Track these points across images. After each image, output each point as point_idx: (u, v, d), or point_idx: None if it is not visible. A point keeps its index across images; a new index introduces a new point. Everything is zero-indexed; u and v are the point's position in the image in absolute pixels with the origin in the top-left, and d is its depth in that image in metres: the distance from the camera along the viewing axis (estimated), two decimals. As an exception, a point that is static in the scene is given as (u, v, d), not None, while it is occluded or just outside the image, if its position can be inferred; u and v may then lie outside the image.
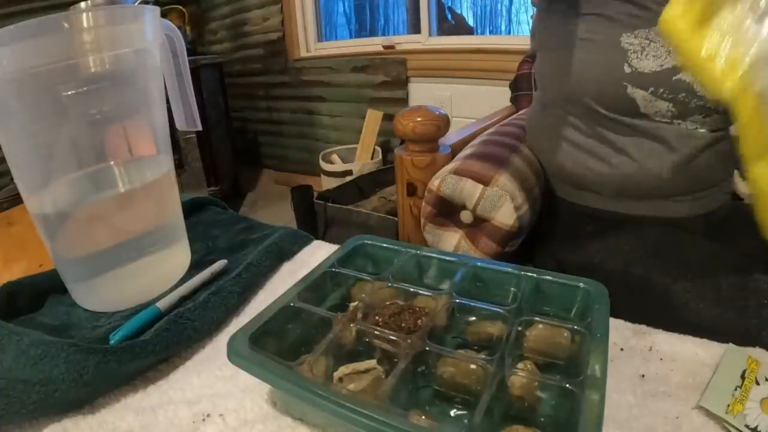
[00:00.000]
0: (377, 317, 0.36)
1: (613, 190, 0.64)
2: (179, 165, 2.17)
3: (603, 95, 0.61)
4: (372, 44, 2.29)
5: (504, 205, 0.62)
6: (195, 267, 0.53)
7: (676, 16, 0.34)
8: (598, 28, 0.59)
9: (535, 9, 0.79)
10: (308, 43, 2.55)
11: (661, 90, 0.56)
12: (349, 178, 1.97)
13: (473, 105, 1.92)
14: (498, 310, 0.36)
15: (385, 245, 0.46)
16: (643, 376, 0.36)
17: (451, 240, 0.68)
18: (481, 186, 0.63)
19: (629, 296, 0.54)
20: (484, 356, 0.32)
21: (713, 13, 0.32)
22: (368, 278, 0.41)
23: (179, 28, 1.28)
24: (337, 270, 0.43)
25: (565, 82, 0.67)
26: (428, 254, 0.44)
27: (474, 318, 0.38)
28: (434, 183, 0.66)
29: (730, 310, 0.47)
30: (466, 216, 0.66)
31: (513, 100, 1.25)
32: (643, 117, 0.58)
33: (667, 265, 0.53)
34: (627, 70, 0.57)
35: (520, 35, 1.97)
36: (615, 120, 0.61)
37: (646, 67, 0.56)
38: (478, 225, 0.65)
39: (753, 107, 0.32)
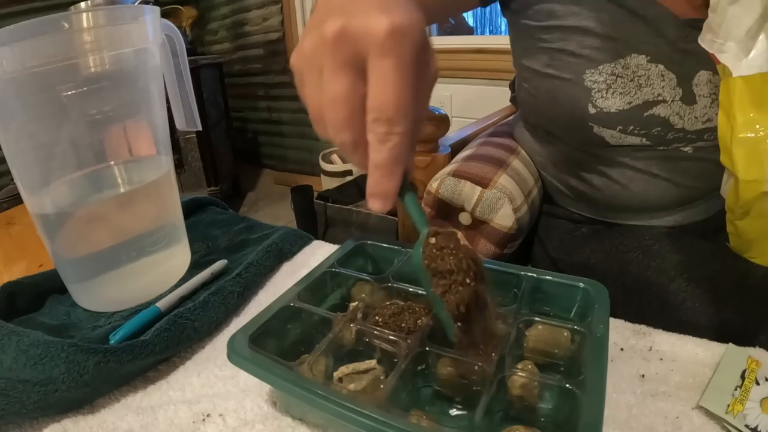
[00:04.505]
0: (377, 317, 0.36)
1: (601, 206, 0.63)
2: (179, 165, 2.17)
3: (570, 131, 0.59)
4: (372, 44, 2.28)
5: (503, 207, 0.62)
6: (195, 267, 0.53)
7: (736, 83, 0.34)
8: (560, 63, 0.55)
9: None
10: (308, 43, 2.55)
11: (631, 127, 0.53)
12: (349, 178, 1.97)
13: (473, 105, 1.92)
14: (498, 310, 0.36)
15: (385, 245, 0.46)
16: (643, 376, 0.36)
17: (450, 240, 0.68)
18: (479, 188, 0.63)
19: (626, 296, 0.54)
20: (484, 356, 0.32)
21: None
22: (368, 278, 0.41)
23: (179, 28, 1.28)
24: (337, 270, 0.43)
25: (535, 114, 0.66)
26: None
27: (474, 318, 0.38)
28: (433, 185, 0.66)
29: (727, 309, 0.47)
30: (464, 218, 0.66)
31: (513, 100, 1.25)
32: (616, 148, 0.56)
33: (664, 265, 0.53)
34: (592, 110, 0.53)
35: (520, 35, 1.97)
36: (588, 152, 0.59)
37: (612, 107, 0.52)
38: (477, 227, 0.65)
39: (756, 195, 0.33)
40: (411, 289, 0.39)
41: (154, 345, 0.39)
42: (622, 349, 0.38)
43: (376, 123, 0.26)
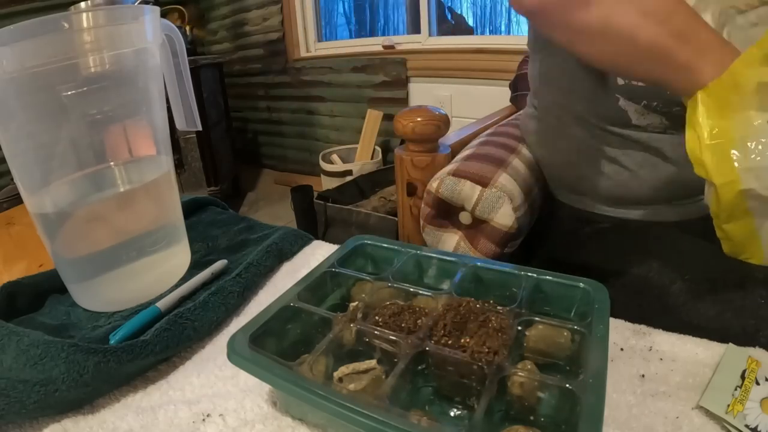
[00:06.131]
0: (377, 317, 0.36)
1: (608, 197, 0.63)
2: (179, 165, 2.17)
3: (595, 106, 0.60)
4: (372, 44, 2.29)
5: (503, 206, 0.62)
6: (195, 267, 0.53)
7: (698, 98, 0.36)
8: None
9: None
10: (308, 43, 2.55)
11: (655, 103, 0.54)
12: (349, 178, 1.97)
13: (473, 105, 1.92)
14: (498, 309, 0.36)
15: (385, 245, 0.46)
16: (643, 376, 0.36)
17: (450, 241, 0.68)
18: (479, 187, 0.63)
19: (627, 297, 0.54)
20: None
21: (736, 108, 0.35)
22: (368, 278, 0.41)
23: (179, 28, 1.29)
24: (337, 270, 0.43)
25: (557, 90, 0.66)
26: (428, 254, 0.44)
27: (474, 318, 0.38)
28: (433, 185, 0.66)
29: (728, 310, 0.47)
30: (465, 217, 0.66)
31: (513, 100, 1.25)
32: (635, 128, 0.57)
33: (665, 266, 0.53)
34: (620, 81, 0.55)
35: (520, 35, 1.97)
36: (606, 130, 0.60)
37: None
38: (477, 226, 0.65)
39: (734, 194, 0.36)
40: (411, 289, 0.40)
41: (154, 345, 0.39)
42: (622, 349, 0.38)
43: None
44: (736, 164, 0.35)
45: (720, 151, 0.36)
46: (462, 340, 0.33)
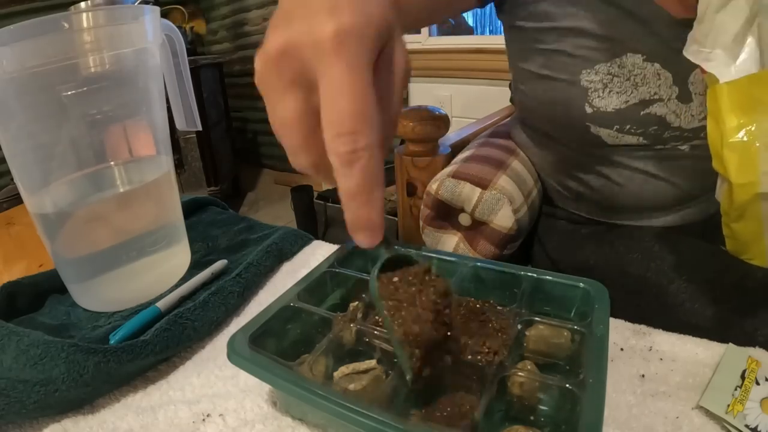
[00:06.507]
0: (377, 317, 0.36)
1: (600, 207, 0.63)
2: (179, 165, 2.18)
3: (567, 132, 0.59)
4: (372, 44, 2.29)
5: (502, 208, 0.62)
6: (195, 267, 0.53)
7: (723, 89, 0.35)
8: (556, 64, 0.55)
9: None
10: (308, 44, 2.55)
11: (628, 126, 0.53)
12: (349, 178, 1.97)
13: (473, 105, 1.92)
14: (498, 309, 0.36)
15: (385, 245, 0.46)
16: (643, 376, 0.36)
17: (449, 243, 0.68)
18: (479, 189, 0.63)
19: (626, 297, 0.53)
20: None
21: (757, 106, 0.34)
22: (368, 278, 0.41)
23: (179, 28, 1.28)
24: (337, 270, 0.43)
25: (531, 115, 0.66)
26: (428, 254, 0.44)
27: (474, 318, 0.38)
28: (432, 187, 0.66)
29: (726, 309, 0.47)
30: (464, 219, 0.66)
31: (513, 100, 1.25)
32: (613, 148, 0.56)
33: (663, 266, 0.53)
34: (588, 110, 0.54)
35: (519, 35, 1.97)
36: (585, 152, 0.59)
37: (608, 105, 0.52)
38: (477, 228, 0.65)
39: (750, 197, 0.34)
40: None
41: (154, 345, 0.39)
42: (622, 349, 0.38)
43: (336, 141, 0.22)
44: (759, 167, 0.34)
45: (743, 149, 0.35)
46: (462, 340, 0.33)
